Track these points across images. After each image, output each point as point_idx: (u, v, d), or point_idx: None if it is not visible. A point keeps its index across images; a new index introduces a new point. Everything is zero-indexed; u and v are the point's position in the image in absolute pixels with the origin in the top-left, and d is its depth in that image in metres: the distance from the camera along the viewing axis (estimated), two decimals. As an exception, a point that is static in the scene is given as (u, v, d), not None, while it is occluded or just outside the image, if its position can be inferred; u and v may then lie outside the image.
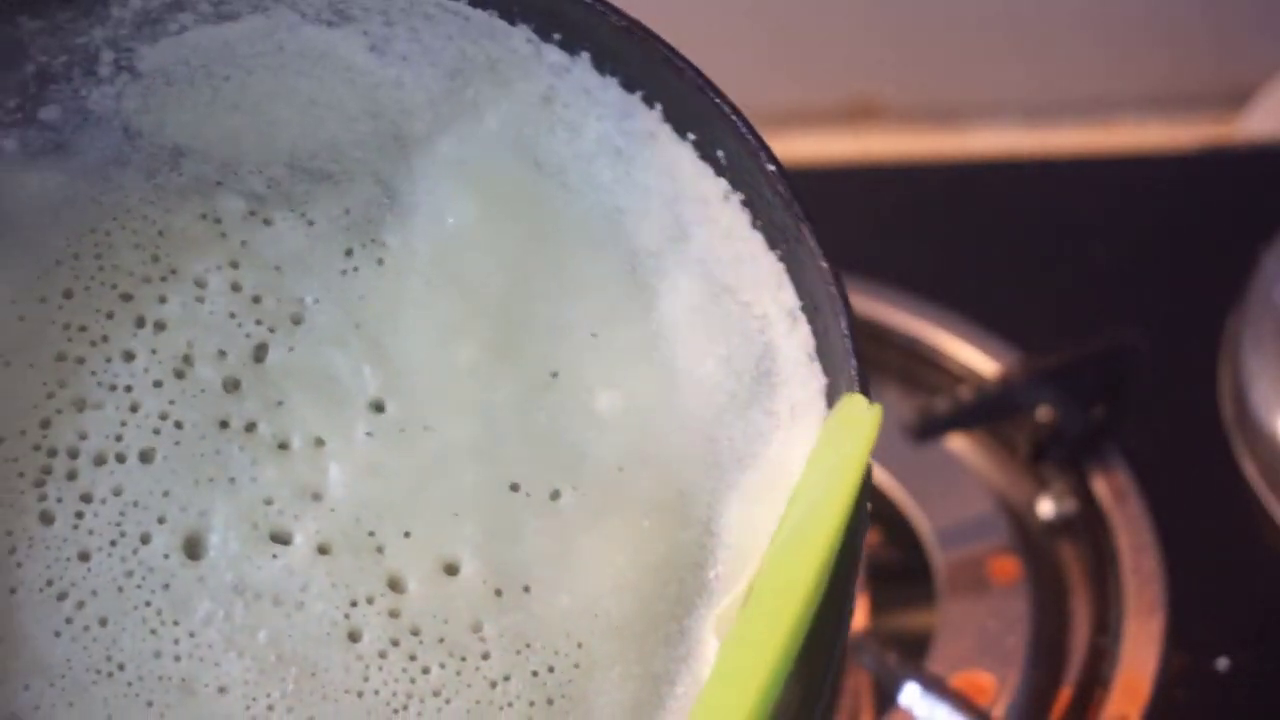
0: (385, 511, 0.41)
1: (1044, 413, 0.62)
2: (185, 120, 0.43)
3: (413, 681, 0.40)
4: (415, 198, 0.43)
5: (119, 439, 0.41)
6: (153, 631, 0.40)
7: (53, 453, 0.41)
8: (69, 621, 0.40)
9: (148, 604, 0.40)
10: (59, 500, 0.41)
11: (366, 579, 0.40)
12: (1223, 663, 0.56)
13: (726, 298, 0.42)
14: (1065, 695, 0.55)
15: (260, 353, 0.42)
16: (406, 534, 0.41)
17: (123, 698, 0.40)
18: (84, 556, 0.40)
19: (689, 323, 0.42)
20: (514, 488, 0.41)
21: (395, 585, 0.41)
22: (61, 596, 0.40)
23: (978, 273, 0.70)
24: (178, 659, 0.40)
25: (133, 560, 0.40)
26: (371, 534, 0.41)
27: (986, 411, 0.65)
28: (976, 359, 0.67)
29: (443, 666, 0.40)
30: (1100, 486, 0.61)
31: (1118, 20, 0.83)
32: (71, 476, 0.41)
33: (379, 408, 0.42)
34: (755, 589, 0.38)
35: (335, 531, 0.41)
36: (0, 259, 0.42)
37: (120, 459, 0.41)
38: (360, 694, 0.40)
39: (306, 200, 0.43)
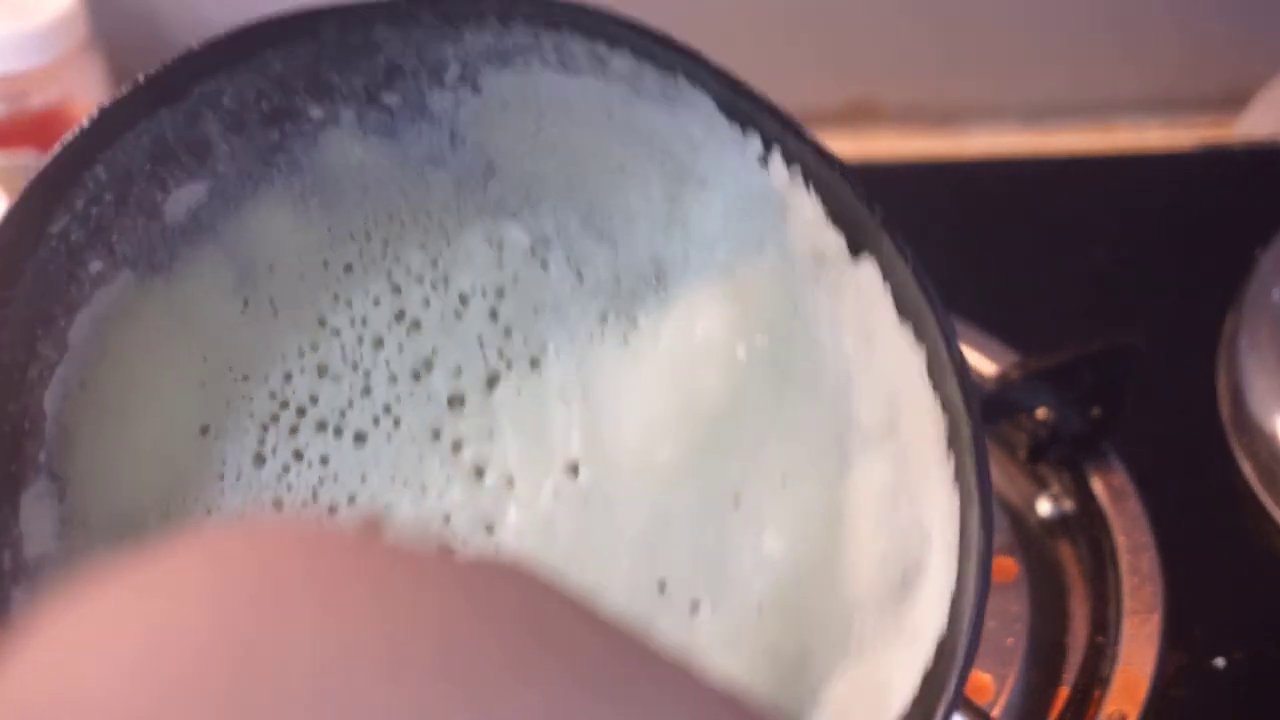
0: (542, 563, 0.42)
1: (1042, 413, 0.62)
2: (506, 144, 0.44)
3: None
4: (680, 292, 0.44)
5: (343, 414, 0.44)
6: None
7: (284, 405, 0.44)
8: None
9: None
10: (274, 450, 0.43)
11: None
12: (1220, 662, 0.56)
13: (904, 501, 0.42)
14: (1063, 694, 0.55)
15: (492, 382, 0.44)
16: None
17: None
18: (278, 505, 0.43)
19: (867, 509, 0.42)
20: (661, 587, 0.43)
21: None
22: None
23: (975, 273, 0.69)
24: None
25: None
26: None
27: (985, 412, 0.65)
28: (974, 359, 0.67)
29: None
30: (1099, 486, 0.61)
31: (1117, 21, 0.83)
32: (293, 431, 0.43)
33: (574, 470, 0.43)
34: None
35: None
36: (306, 216, 0.44)
37: (338, 433, 0.44)
38: None
39: (585, 257, 0.44)
